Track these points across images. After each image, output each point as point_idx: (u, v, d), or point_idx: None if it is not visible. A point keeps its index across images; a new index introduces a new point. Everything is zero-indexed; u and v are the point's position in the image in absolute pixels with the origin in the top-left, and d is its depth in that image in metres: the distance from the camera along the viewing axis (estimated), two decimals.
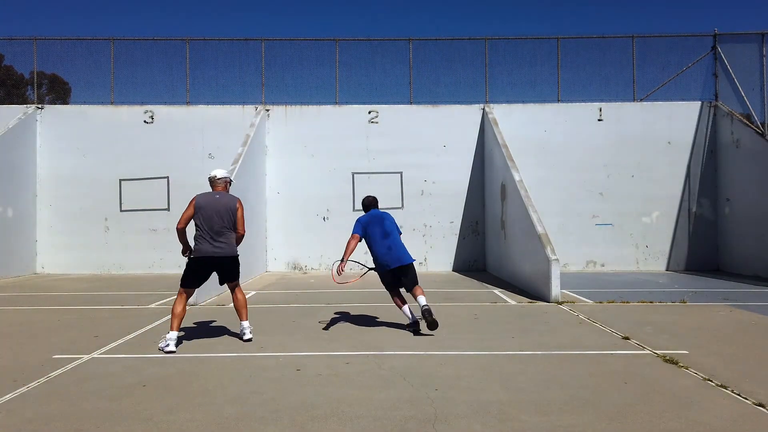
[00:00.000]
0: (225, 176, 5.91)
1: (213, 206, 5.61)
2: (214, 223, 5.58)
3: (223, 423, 3.44)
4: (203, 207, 5.61)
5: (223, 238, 5.61)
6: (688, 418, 3.50)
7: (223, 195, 5.74)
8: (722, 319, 6.93)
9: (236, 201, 5.74)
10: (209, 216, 5.58)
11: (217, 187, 5.85)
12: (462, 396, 3.92)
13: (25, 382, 4.26)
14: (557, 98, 14.26)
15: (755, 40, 13.24)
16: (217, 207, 5.62)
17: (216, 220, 5.58)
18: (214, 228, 5.58)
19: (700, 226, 13.79)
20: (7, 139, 12.91)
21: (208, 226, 5.58)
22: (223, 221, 5.61)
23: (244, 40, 14.43)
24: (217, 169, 6.02)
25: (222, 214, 5.61)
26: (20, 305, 8.37)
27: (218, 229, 5.59)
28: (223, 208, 5.63)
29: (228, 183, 5.93)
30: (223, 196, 5.72)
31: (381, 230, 6.48)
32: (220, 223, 5.59)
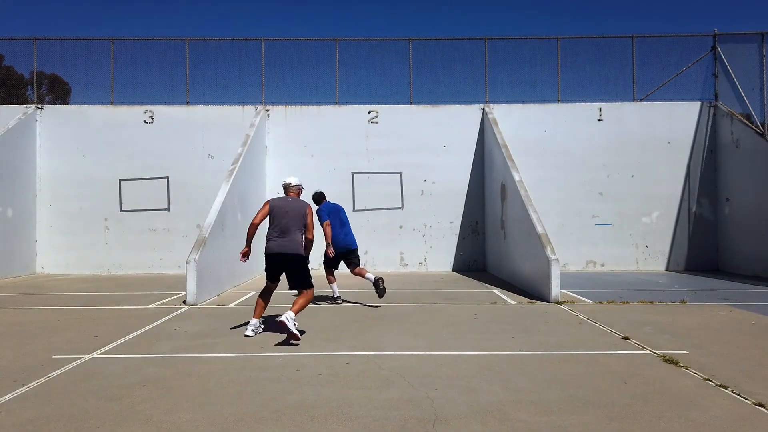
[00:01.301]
0: (298, 184, 6.38)
1: (284, 208, 6.06)
2: (282, 223, 6.00)
3: (223, 423, 3.44)
4: (276, 208, 6.07)
5: (287, 237, 5.99)
6: (688, 418, 3.50)
7: (295, 200, 6.21)
8: (722, 319, 6.93)
9: (307, 206, 6.13)
10: (281, 217, 6.02)
11: (290, 193, 6.33)
12: (462, 396, 3.92)
13: (25, 382, 4.26)
14: (557, 98, 14.27)
15: (755, 40, 13.24)
16: (290, 210, 6.05)
17: (284, 222, 6.00)
18: (280, 227, 6.00)
19: (700, 226, 13.79)
20: (7, 139, 12.91)
21: (277, 226, 6.02)
22: (291, 223, 6.00)
23: (244, 40, 14.44)
24: (291, 177, 6.47)
25: (291, 216, 6.01)
26: (20, 305, 8.36)
27: (284, 228, 5.99)
28: (292, 211, 6.05)
29: (300, 190, 6.38)
30: (295, 201, 6.18)
31: (339, 220, 8.34)
32: (287, 224, 6.00)
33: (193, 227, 13.28)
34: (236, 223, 10.90)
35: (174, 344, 5.62)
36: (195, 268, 8.28)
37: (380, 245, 13.86)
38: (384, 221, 13.93)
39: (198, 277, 8.32)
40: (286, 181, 6.38)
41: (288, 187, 6.34)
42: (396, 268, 13.83)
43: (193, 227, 13.28)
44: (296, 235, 6.02)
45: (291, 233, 6.00)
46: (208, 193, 12.39)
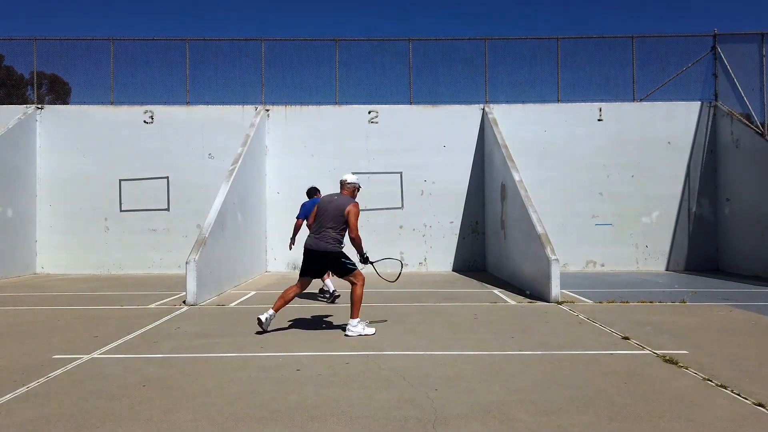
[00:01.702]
0: (352, 182, 6.31)
1: (326, 206, 6.12)
2: (320, 220, 6.07)
3: (223, 423, 3.44)
4: (320, 204, 6.20)
5: (322, 234, 6.03)
6: (688, 418, 3.50)
7: (340, 197, 6.16)
8: (722, 319, 6.94)
9: (348, 205, 6.03)
10: (321, 213, 6.11)
11: (343, 190, 6.28)
12: (462, 396, 3.92)
13: (25, 382, 4.26)
14: (557, 98, 14.27)
15: (755, 40, 13.24)
16: (329, 206, 6.08)
17: (321, 218, 6.07)
18: (318, 223, 6.09)
19: (700, 226, 13.79)
20: (7, 139, 12.91)
21: (315, 222, 6.12)
22: (329, 220, 6.01)
23: (244, 40, 14.44)
24: (349, 174, 6.44)
25: (330, 213, 6.02)
26: (20, 305, 8.36)
27: (320, 225, 6.06)
28: (333, 207, 6.06)
29: (355, 189, 6.32)
30: (340, 198, 6.14)
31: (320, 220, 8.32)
32: (323, 220, 6.05)
33: (193, 227, 13.27)
34: (236, 223, 10.90)
35: (174, 344, 5.62)
36: (195, 268, 8.28)
37: (380, 245, 13.82)
38: (384, 221, 13.93)
39: (198, 277, 8.31)
40: (342, 177, 6.38)
41: (342, 184, 6.33)
42: (396, 268, 13.80)
43: (193, 227, 13.27)
44: (329, 232, 6.00)
45: (324, 230, 6.03)
46: (208, 193, 12.39)
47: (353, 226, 6.00)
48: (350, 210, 5.99)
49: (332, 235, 6.02)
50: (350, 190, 6.27)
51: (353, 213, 6.01)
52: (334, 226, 6.01)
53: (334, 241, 6.04)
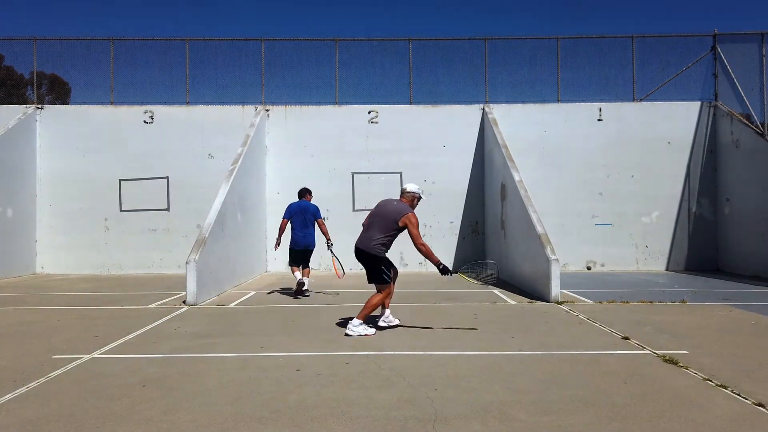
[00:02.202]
0: (411, 191, 6.38)
1: (378, 209, 6.27)
2: (372, 221, 6.19)
3: (223, 423, 3.44)
4: (378, 206, 6.33)
5: (365, 234, 6.17)
6: (688, 418, 3.50)
7: (398, 203, 6.23)
8: (722, 319, 6.94)
9: (405, 213, 6.04)
10: (375, 215, 6.25)
11: (403, 198, 6.37)
12: (462, 396, 3.92)
13: (25, 382, 4.26)
14: (557, 98, 14.27)
15: (755, 40, 13.24)
16: (384, 210, 6.20)
17: (371, 220, 6.22)
18: (367, 224, 6.24)
19: (699, 226, 13.79)
20: (7, 139, 12.91)
21: (368, 222, 6.25)
22: (380, 223, 6.11)
23: (244, 40, 14.44)
24: (411, 183, 6.57)
25: (382, 216, 6.14)
26: (20, 305, 8.36)
27: (368, 226, 6.19)
28: (387, 212, 6.15)
29: (414, 198, 6.37)
30: (398, 205, 6.20)
31: (302, 221, 9.05)
32: (371, 222, 6.19)
33: (193, 227, 13.27)
34: (236, 223, 10.90)
35: (174, 344, 5.62)
36: (195, 268, 8.28)
37: None
38: None
39: (198, 277, 8.31)
40: (403, 186, 6.55)
41: (402, 192, 6.45)
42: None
43: (193, 227, 13.27)
44: (377, 235, 6.03)
45: (370, 231, 6.10)
46: (208, 193, 12.37)
47: (415, 235, 5.96)
48: (408, 220, 5.99)
49: (379, 238, 6.05)
50: (409, 199, 6.30)
51: (413, 223, 5.99)
52: (383, 230, 6.05)
53: (379, 244, 6.06)
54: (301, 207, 9.14)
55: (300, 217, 9.06)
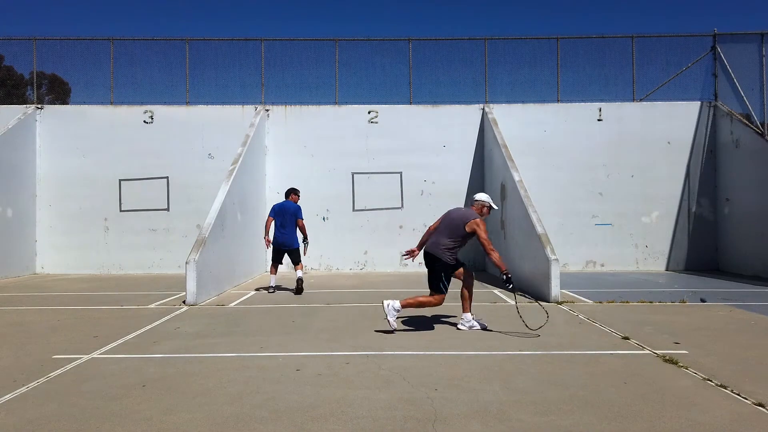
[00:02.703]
0: (480, 200, 6.43)
1: (451, 213, 6.34)
2: (441, 227, 6.27)
3: (223, 423, 3.44)
4: (447, 212, 6.40)
5: (433, 239, 6.26)
6: (688, 418, 3.50)
7: (467, 210, 6.34)
8: (722, 319, 6.94)
9: (471, 219, 6.10)
10: (443, 220, 6.34)
11: (472, 206, 6.43)
12: (462, 396, 3.92)
13: (25, 382, 4.26)
14: (557, 98, 14.26)
15: (755, 40, 13.24)
16: (452, 215, 6.30)
17: (443, 225, 6.27)
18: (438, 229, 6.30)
19: (699, 226, 13.79)
20: (7, 139, 12.90)
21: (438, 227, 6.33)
22: (447, 228, 6.19)
23: (244, 40, 14.43)
24: (480, 193, 6.63)
25: (450, 222, 6.22)
26: (20, 305, 8.36)
27: (440, 231, 6.24)
28: (454, 217, 6.23)
29: (483, 207, 6.39)
30: (466, 212, 6.29)
31: (281, 220, 9.52)
32: (438, 227, 6.32)
33: (193, 227, 13.27)
34: (236, 223, 10.90)
35: (174, 344, 5.62)
36: (195, 268, 8.28)
37: (380, 245, 13.87)
38: (384, 221, 13.93)
39: (198, 277, 8.31)
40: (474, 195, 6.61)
41: (472, 201, 6.52)
42: (396, 268, 13.83)
43: (193, 227, 13.27)
44: (444, 240, 6.12)
45: (438, 237, 6.21)
46: (208, 193, 12.39)
47: (484, 241, 6.03)
48: (475, 225, 6.05)
49: (446, 244, 6.13)
50: (478, 207, 6.35)
51: (481, 228, 6.05)
52: (451, 236, 6.12)
53: (446, 249, 6.13)
54: (283, 207, 9.61)
55: (280, 216, 9.55)
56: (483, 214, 6.33)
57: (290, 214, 9.55)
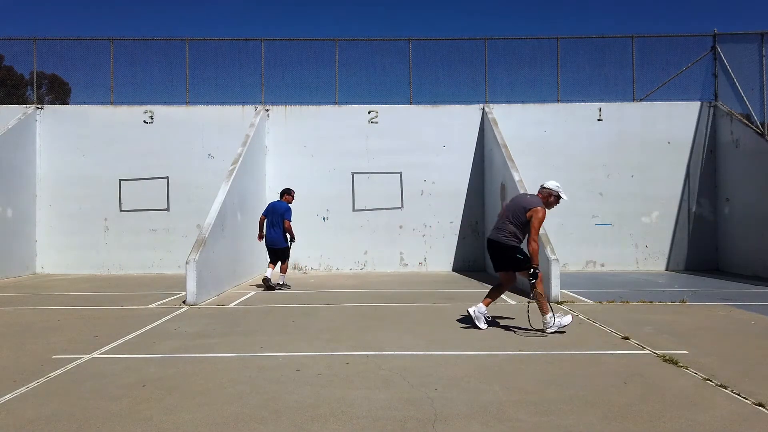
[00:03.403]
0: (547, 188, 6.24)
1: (515, 199, 6.34)
2: (505, 212, 6.27)
3: (223, 423, 3.44)
4: (512, 198, 6.42)
5: (497, 227, 6.26)
6: (688, 418, 3.50)
7: (532, 196, 6.22)
8: (722, 319, 6.94)
9: (535, 205, 6.01)
10: (507, 206, 6.33)
11: (539, 193, 6.27)
12: (462, 396, 3.92)
13: (25, 382, 4.26)
14: (557, 98, 14.26)
15: (755, 40, 13.23)
16: (516, 201, 6.27)
17: (507, 211, 6.23)
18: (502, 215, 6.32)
19: (699, 226, 13.79)
20: (7, 139, 12.91)
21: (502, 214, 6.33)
22: (511, 213, 6.14)
23: (244, 40, 14.43)
24: (550, 180, 6.36)
25: (514, 207, 6.17)
26: (20, 305, 8.36)
27: (503, 217, 6.25)
28: (518, 202, 6.20)
29: (550, 195, 6.19)
30: (531, 198, 6.18)
31: (271, 220, 9.93)
32: (502, 214, 6.33)
33: (193, 227, 13.28)
34: (236, 223, 10.90)
35: (174, 344, 5.62)
36: (195, 268, 8.28)
37: (380, 245, 13.87)
38: (384, 221, 13.94)
39: (198, 277, 8.32)
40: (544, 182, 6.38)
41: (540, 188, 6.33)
42: (396, 268, 13.84)
43: (193, 227, 13.28)
44: (508, 225, 6.08)
45: (500, 223, 6.23)
46: (208, 193, 12.39)
47: (534, 229, 5.91)
48: (534, 212, 5.93)
49: (510, 229, 6.07)
50: (544, 195, 6.20)
51: (537, 217, 5.91)
52: (514, 221, 6.06)
53: (510, 234, 6.07)
54: (274, 207, 10.04)
55: (271, 216, 9.96)
56: (548, 203, 6.17)
57: (278, 215, 9.89)
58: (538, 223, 5.93)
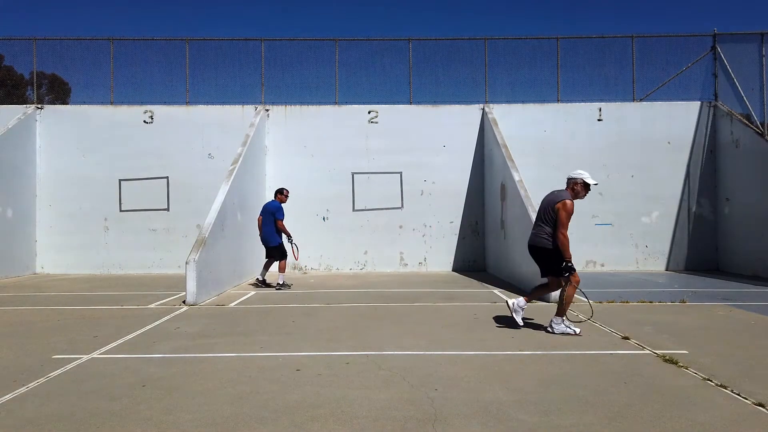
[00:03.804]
0: (572, 176, 6.11)
1: (545, 198, 6.16)
2: (538, 213, 6.16)
3: (223, 423, 3.44)
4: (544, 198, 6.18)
5: (535, 229, 6.13)
6: (688, 418, 3.50)
7: (559, 191, 6.07)
8: (722, 319, 6.94)
9: (558, 201, 5.91)
10: (539, 208, 6.20)
11: (567, 187, 6.13)
12: (462, 396, 3.92)
13: (25, 382, 4.26)
14: (557, 98, 14.26)
15: (755, 40, 13.24)
16: (545, 201, 6.11)
17: (539, 212, 6.14)
18: (536, 218, 6.20)
19: (699, 226, 13.80)
20: (7, 139, 12.91)
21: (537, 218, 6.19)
22: (541, 213, 6.06)
23: (244, 40, 14.43)
24: (578, 170, 6.18)
25: (544, 208, 6.07)
26: (20, 305, 8.36)
27: (537, 218, 6.15)
28: (547, 201, 6.06)
29: (575, 184, 6.04)
30: (558, 193, 6.04)
31: (264, 218, 10.36)
32: (540, 214, 6.12)
33: (193, 227, 13.28)
34: (236, 223, 10.90)
35: (174, 344, 5.62)
36: (195, 268, 8.28)
37: (380, 245, 13.87)
38: (384, 221, 13.94)
39: (198, 277, 8.31)
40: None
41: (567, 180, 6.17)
42: (396, 268, 13.84)
43: (193, 227, 13.28)
44: (542, 226, 5.99)
45: (535, 225, 6.15)
46: (208, 193, 12.39)
47: (561, 221, 5.77)
48: (562, 205, 5.80)
49: (546, 230, 5.97)
50: (570, 186, 6.05)
51: (565, 209, 5.78)
52: (546, 220, 5.97)
53: (545, 235, 5.95)
54: (266, 206, 10.50)
55: (263, 215, 10.43)
56: (577, 193, 6.00)
57: (269, 213, 10.30)
58: (565, 215, 5.79)
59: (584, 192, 6.05)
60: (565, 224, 5.81)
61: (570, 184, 6.06)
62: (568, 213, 5.82)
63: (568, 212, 5.83)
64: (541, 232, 6.01)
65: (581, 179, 6.00)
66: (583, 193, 6.05)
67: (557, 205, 5.87)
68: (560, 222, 5.80)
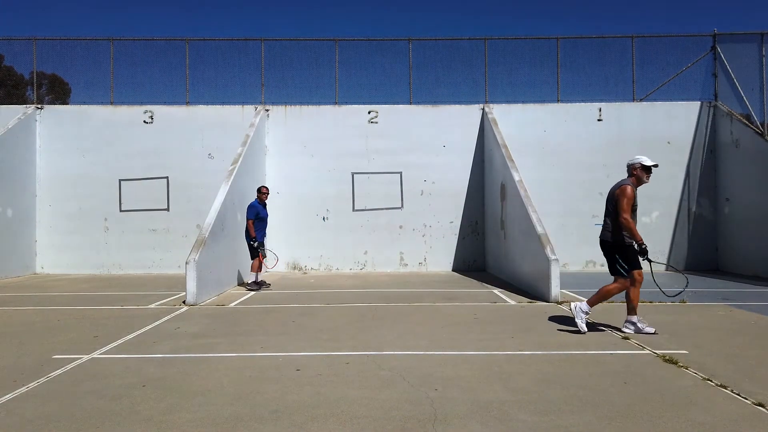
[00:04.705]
0: (630, 162, 5.99)
1: (609, 192, 5.97)
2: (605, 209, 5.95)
3: (223, 423, 3.44)
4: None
5: (604, 222, 6.01)
6: (688, 418, 3.50)
7: (620, 181, 5.91)
8: (722, 319, 6.94)
9: (617, 188, 5.78)
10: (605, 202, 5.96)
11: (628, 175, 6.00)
12: (462, 396, 3.92)
13: (25, 382, 4.26)
14: (557, 98, 14.26)
15: (755, 40, 13.24)
16: (609, 194, 5.95)
17: (606, 209, 5.97)
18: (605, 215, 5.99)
19: (699, 225, 13.79)
20: (7, 139, 12.91)
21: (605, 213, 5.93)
22: (609, 205, 5.92)
23: (244, 40, 14.43)
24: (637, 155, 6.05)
25: (608, 200, 5.93)
26: (20, 305, 8.36)
27: (606, 214, 5.97)
28: (609, 195, 5.90)
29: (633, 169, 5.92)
30: (619, 182, 5.88)
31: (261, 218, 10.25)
32: (606, 209, 5.94)
33: (193, 227, 13.28)
34: (236, 223, 10.90)
35: (174, 344, 5.62)
36: (195, 268, 8.28)
37: (380, 245, 13.87)
38: (384, 221, 13.94)
39: (198, 277, 8.31)
40: None
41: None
42: (396, 268, 13.84)
43: (193, 227, 13.28)
44: (607, 220, 5.89)
45: (605, 219, 6.01)
46: (208, 193, 12.40)
47: (622, 207, 5.67)
48: (622, 190, 5.70)
49: (607, 223, 5.91)
50: (630, 173, 5.96)
51: (624, 194, 5.67)
52: (611, 213, 5.86)
53: (607, 228, 5.90)
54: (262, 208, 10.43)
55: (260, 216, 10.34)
56: (639, 178, 5.90)
57: (265, 213, 10.40)
58: (625, 200, 5.69)
59: (646, 175, 5.92)
60: (626, 209, 5.69)
61: (630, 170, 5.96)
62: (628, 198, 5.72)
63: (628, 197, 5.72)
64: (605, 226, 5.98)
65: (638, 163, 5.90)
66: (646, 177, 5.92)
67: (617, 192, 5.80)
68: (621, 208, 5.71)
